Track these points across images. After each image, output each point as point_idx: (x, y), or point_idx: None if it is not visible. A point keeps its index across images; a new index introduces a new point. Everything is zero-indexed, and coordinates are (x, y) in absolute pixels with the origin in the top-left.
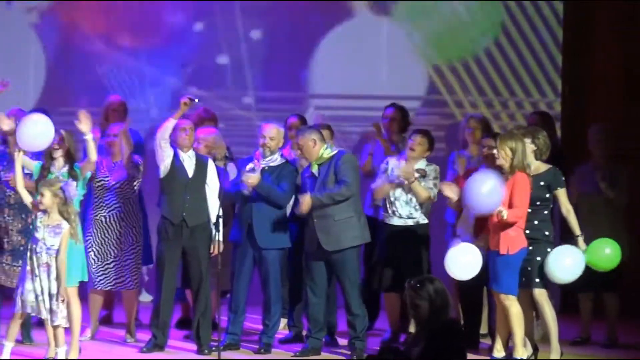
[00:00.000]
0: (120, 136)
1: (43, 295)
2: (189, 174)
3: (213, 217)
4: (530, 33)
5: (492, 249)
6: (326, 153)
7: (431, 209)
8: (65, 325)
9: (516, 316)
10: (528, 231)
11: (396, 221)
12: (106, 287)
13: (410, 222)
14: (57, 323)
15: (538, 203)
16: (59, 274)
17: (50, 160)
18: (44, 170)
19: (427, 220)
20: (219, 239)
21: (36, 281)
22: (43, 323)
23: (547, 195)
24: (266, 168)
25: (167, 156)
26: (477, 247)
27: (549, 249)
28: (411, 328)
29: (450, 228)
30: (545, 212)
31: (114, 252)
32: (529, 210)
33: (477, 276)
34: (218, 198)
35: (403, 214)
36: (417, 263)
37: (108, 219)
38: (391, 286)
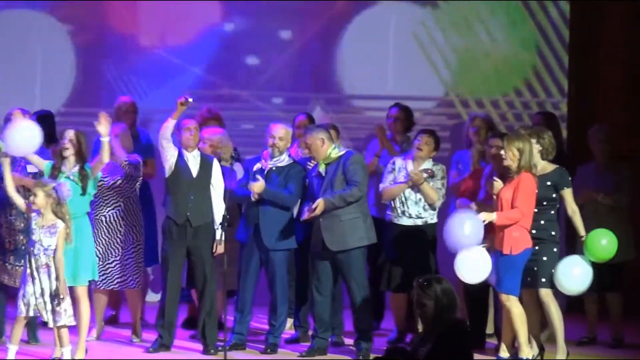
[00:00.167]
0: (120, 136)
1: (44, 296)
2: (193, 174)
3: (217, 217)
4: (536, 33)
5: (496, 249)
6: (334, 153)
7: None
8: (70, 324)
9: (518, 316)
10: (534, 231)
11: (405, 221)
12: (109, 287)
13: (419, 222)
14: (62, 323)
15: (544, 203)
16: (58, 273)
17: (61, 159)
18: (55, 170)
19: (436, 220)
20: (221, 239)
21: (36, 283)
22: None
23: (554, 195)
24: (273, 168)
25: (171, 156)
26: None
27: (555, 249)
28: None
29: None
30: (551, 212)
31: (115, 252)
32: (536, 210)
33: None
34: (224, 198)
35: (412, 214)
36: (425, 263)
37: (108, 219)
38: (399, 286)
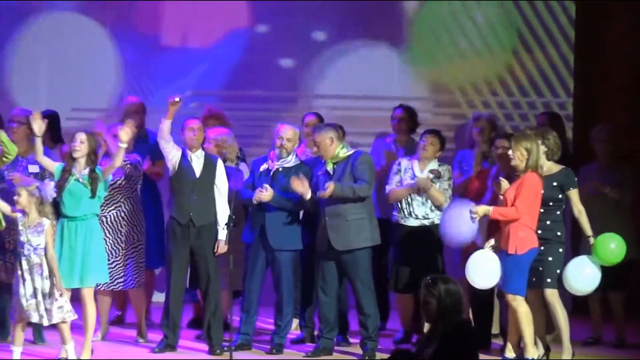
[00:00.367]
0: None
1: (37, 296)
2: (197, 174)
3: (220, 217)
4: (542, 33)
5: (502, 249)
6: (342, 152)
7: None
8: (68, 319)
9: (524, 316)
10: (540, 231)
11: (412, 222)
12: (109, 287)
13: (426, 223)
14: (57, 320)
15: (550, 203)
16: (52, 270)
17: (71, 161)
18: (65, 172)
19: None
20: (226, 239)
21: (26, 285)
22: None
23: (560, 195)
24: (280, 169)
25: (173, 156)
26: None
27: (561, 250)
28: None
29: None
30: (557, 213)
31: (115, 252)
32: (541, 210)
33: None
34: (231, 198)
35: (419, 215)
36: (432, 263)
37: (110, 219)
38: (405, 287)
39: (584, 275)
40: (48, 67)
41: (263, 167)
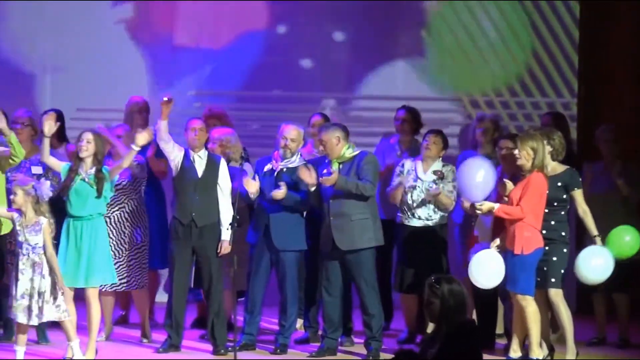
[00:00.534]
0: (124, 137)
1: (32, 296)
2: (199, 174)
3: (223, 217)
4: (546, 33)
5: (508, 249)
6: (348, 153)
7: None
8: (64, 319)
9: (532, 316)
10: (545, 231)
11: (415, 222)
12: (112, 288)
13: (429, 224)
14: (49, 319)
15: (555, 204)
16: (53, 268)
17: (78, 161)
18: (72, 172)
19: (446, 220)
20: (231, 239)
21: (19, 285)
22: (58, 323)
23: (564, 196)
24: (284, 169)
25: (175, 156)
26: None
27: (565, 250)
28: (428, 329)
29: (457, 228)
30: (562, 213)
31: (119, 253)
32: (546, 210)
33: None
34: (235, 199)
35: (422, 216)
36: (436, 264)
37: (112, 220)
38: (409, 287)
39: (596, 264)
40: (53, 67)
41: (267, 168)
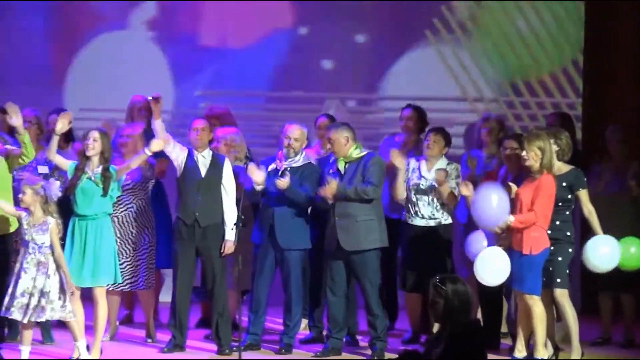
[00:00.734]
0: (134, 137)
1: (32, 296)
2: (202, 174)
3: (227, 217)
4: (551, 33)
5: (515, 249)
6: (355, 153)
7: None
8: (69, 319)
9: (539, 316)
10: (550, 231)
11: (418, 221)
12: (119, 288)
13: (432, 223)
14: (48, 318)
15: (560, 204)
16: (62, 268)
17: (85, 160)
18: (78, 170)
19: (450, 220)
20: (231, 239)
21: (19, 283)
22: (63, 322)
23: (569, 196)
24: (288, 169)
25: (177, 156)
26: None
27: (570, 249)
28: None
29: (462, 228)
30: (567, 213)
31: (126, 252)
32: None
33: None
34: (240, 198)
35: (425, 215)
36: (440, 264)
37: (121, 219)
38: (413, 286)
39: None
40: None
41: (271, 167)
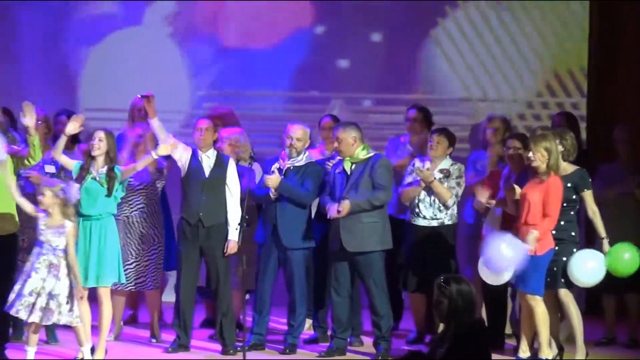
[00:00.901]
0: (145, 138)
1: (40, 296)
2: (206, 174)
3: (231, 217)
4: (556, 33)
5: None
6: (362, 154)
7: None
8: (76, 324)
9: (542, 316)
10: (554, 231)
11: (421, 222)
12: (126, 288)
13: (434, 223)
14: (55, 322)
15: (565, 204)
16: (73, 272)
17: (90, 160)
18: (83, 170)
19: (455, 221)
20: (234, 239)
21: (28, 282)
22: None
23: (574, 196)
24: (291, 168)
25: (180, 156)
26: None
27: (575, 250)
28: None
29: (468, 228)
30: (571, 213)
31: (135, 253)
32: None
33: None
34: (244, 198)
35: (427, 215)
36: (442, 264)
37: (130, 220)
38: (417, 287)
39: (588, 267)
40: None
41: (274, 167)
